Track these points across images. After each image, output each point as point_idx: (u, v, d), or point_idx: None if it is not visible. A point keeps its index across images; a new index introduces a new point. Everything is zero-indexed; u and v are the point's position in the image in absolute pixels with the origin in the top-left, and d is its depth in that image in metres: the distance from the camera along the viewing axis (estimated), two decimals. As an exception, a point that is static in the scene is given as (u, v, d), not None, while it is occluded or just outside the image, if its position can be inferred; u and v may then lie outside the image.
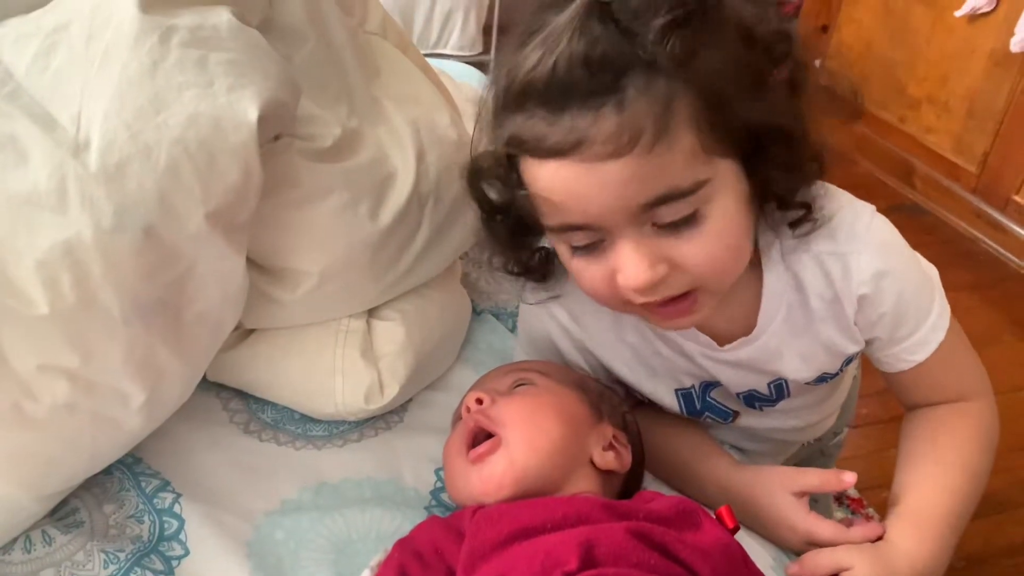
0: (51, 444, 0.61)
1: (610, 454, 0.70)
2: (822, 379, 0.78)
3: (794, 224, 0.69)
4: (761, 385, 0.79)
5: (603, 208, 0.59)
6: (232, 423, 0.83)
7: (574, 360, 0.82)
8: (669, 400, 0.81)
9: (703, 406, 0.82)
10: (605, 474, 0.70)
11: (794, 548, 0.75)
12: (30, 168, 0.55)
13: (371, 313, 0.83)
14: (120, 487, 0.74)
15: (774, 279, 0.72)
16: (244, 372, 0.81)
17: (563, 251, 0.67)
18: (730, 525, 0.66)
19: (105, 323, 0.58)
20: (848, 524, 0.74)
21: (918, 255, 0.75)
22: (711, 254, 0.62)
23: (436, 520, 0.67)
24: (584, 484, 0.69)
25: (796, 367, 0.75)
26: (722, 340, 0.75)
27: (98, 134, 0.56)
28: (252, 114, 0.59)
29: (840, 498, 1.45)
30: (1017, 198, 2.30)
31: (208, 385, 0.84)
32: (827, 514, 0.99)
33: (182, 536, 0.70)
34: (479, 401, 0.70)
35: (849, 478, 0.72)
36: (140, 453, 0.76)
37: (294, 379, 0.80)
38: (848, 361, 0.77)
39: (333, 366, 0.79)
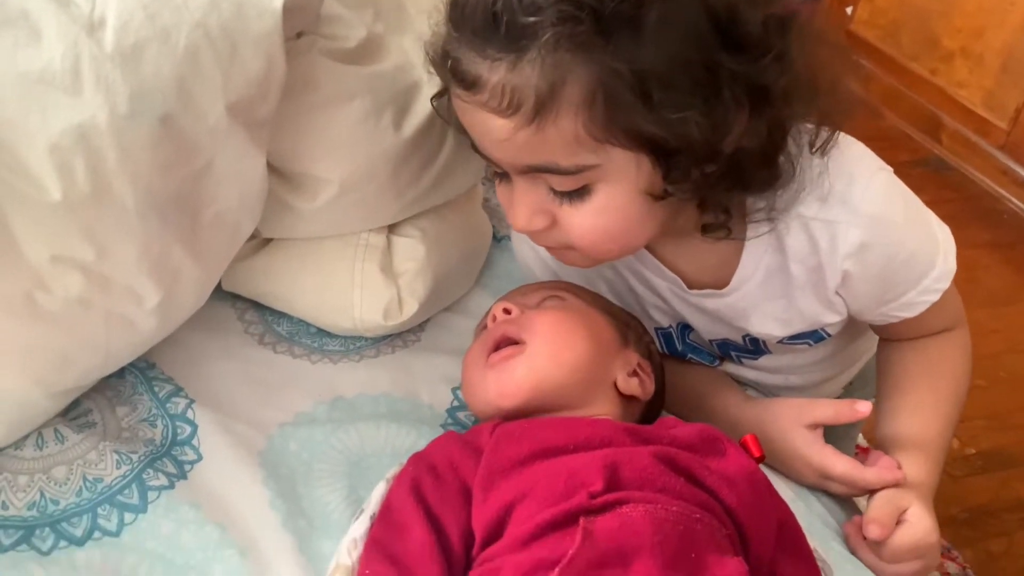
0: (65, 339, 0.59)
1: (634, 380, 0.69)
2: (800, 339, 0.76)
3: (707, 228, 0.66)
4: (735, 336, 0.77)
5: (492, 154, 0.61)
6: (247, 334, 0.81)
7: None
8: None
9: (684, 347, 0.81)
10: (626, 399, 0.69)
11: (808, 483, 0.74)
12: (43, 45, 0.52)
13: (391, 229, 0.81)
14: (133, 391, 0.73)
15: (756, 242, 0.69)
16: (260, 283, 0.79)
17: None
18: (756, 454, 0.64)
19: (120, 215, 0.56)
20: (862, 459, 0.73)
21: (928, 216, 0.71)
22: (590, 230, 0.62)
23: (453, 436, 0.66)
24: (604, 406, 0.67)
25: (767, 327, 0.74)
26: (692, 284, 0.73)
27: (114, 13, 0.53)
28: (277, 1, 0.56)
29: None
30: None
31: (223, 295, 0.82)
32: (849, 452, 0.99)
33: (195, 442, 0.69)
34: (507, 312, 0.69)
35: (863, 407, 0.71)
36: (153, 358, 0.75)
37: (311, 292, 0.78)
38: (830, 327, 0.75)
39: (352, 280, 0.77)
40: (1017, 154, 2.29)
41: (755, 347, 0.79)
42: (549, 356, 0.65)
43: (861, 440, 1.47)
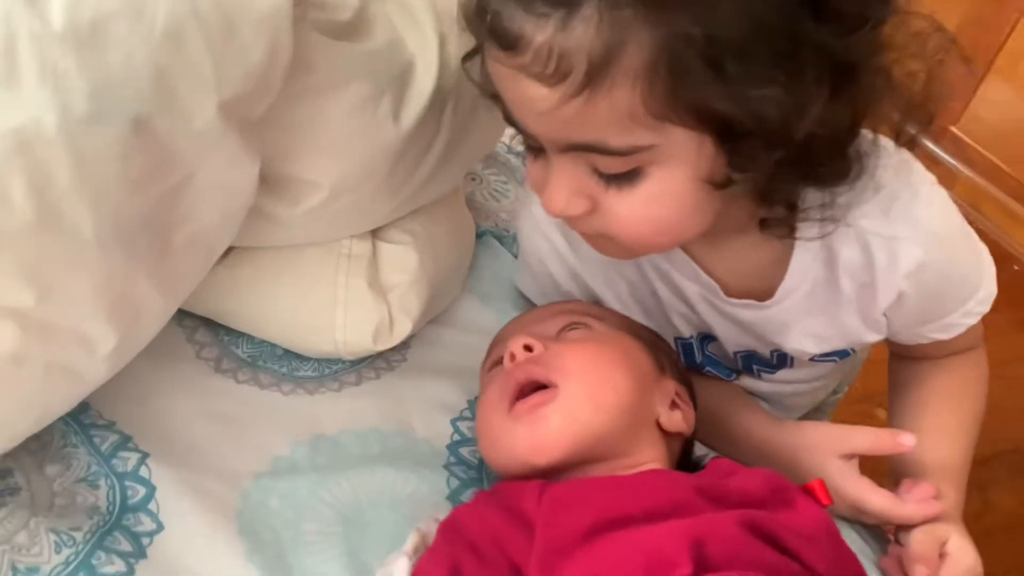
0: (-12, 404, 0.45)
1: (677, 413, 0.61)
2: (830, 356, 0.71)
3: (764, 222, 0.59)
4: (763, 349, 0.72)
5: (530, 126, 0.52)
6: (200, 359, 0.68)
7: (568, 290, 0.73)
8: None
9: (704, 360, 0.75)
10: (669, 437, 0.61)
11: (838, 514, 0.69)
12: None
13: (376, 234, 0.68)
14: (64, 442, 0.59)
15: (805, 249, 0.63)
16: (221, 300, 0.65)
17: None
18: (825, 502, 0.58)
19: (73, 247, 0.41)
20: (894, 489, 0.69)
21: (972, 233, 0.67)
22: (638, 220, 0.54)
23: (488, 499, 0.55)
24: (650, 451, 0.59)
25: (803, 344, 0.68)
26: (729, 291, 0.67)
27: (67, -24, 0.38)
28: (287, -33, 0.43)
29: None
30: (955, 129, 2.31)
31: (169, 312, 0.68)
32: None
33: (152, 506, 0.56)
34: (528, 348, 0.58)
35: (908, 440, 0.66)
36: (87, 397, 0.60)
37: (284, 311, 0.65)
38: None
39: (334, 297, 0.65)
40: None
41: (780, 362, 0.73)
42: (588, 400, 0.56)
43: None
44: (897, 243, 0.60)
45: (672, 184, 0.52)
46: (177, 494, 0.57)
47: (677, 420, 0.60)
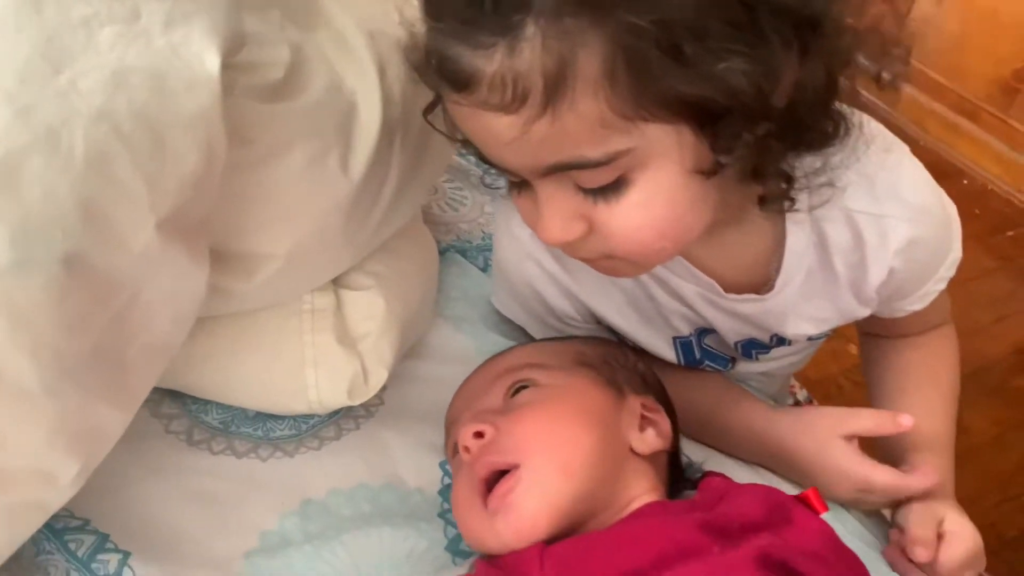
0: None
1: (649, 432, 0.59)
2: (824, 334, 0.72)
3: (763, 199, 0.57)
4: (763, 336, 0.71)
5: (506, 161, 0.51)
6: (170, 433, 0.65)
7: (562, 309, 0.71)
8: (666, 350, 0.73)
9: (702, 355, 0.74)
10: (652, 456, 0.60)
11: (842, 496, 0.70)
12: None
13: (338, 282, 0.65)
14: (39, 549, 0.56)
15: (798, 236, 0.62)
16: (183, 374, 0.62)
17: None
18: (820, 510, 0.58)
19: (19, 399, 0.38)
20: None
21: (944, 196, 0.67)
22: (635, 228, 0.51)
23: (487, 571, 0.54)
24: (637, 484, 0.58)
25: (802, 327, 0.68)
26: (727, 288, 0.66)
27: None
28: (211, 62, 0.38)
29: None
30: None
31: (129, 390, 0.64)
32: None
33: (139, 610, 0.54)
34: (479, 435, 0.56)
35: (907, 421, 0.67)
36: (58, 500, 0.57)
37: (251, 378, 0.62)
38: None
39: (303, 357, 0.62)
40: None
41: (779, 343, 0.73)
42: (555, 470, 0.54)
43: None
44: (885, 221, 0.61)
45: (660, 184, 0.50)
46: (166, 592, 0.55)
47: (651, 440, 0.59)
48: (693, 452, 0.70)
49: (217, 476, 0.62)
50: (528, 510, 0.53)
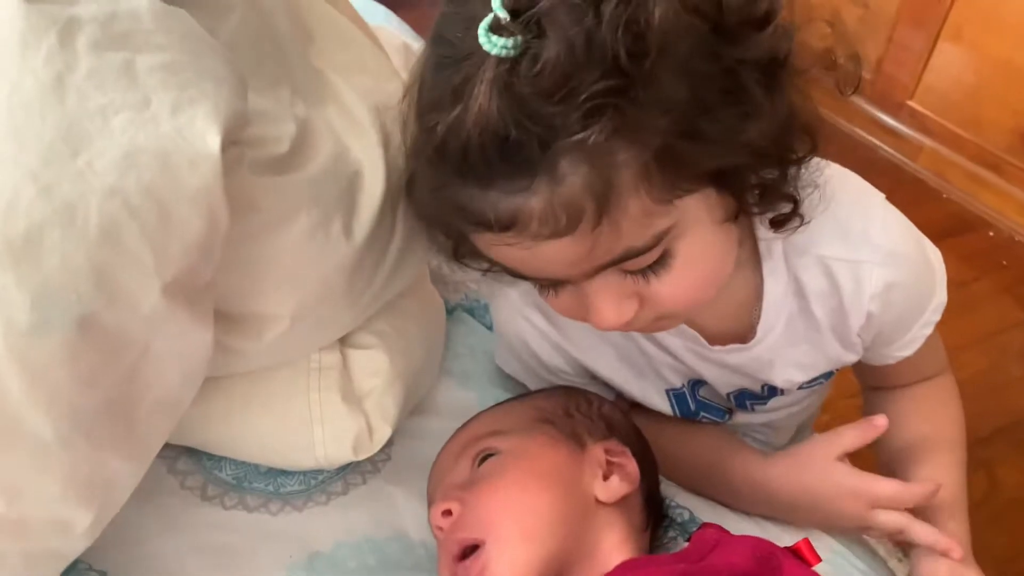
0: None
1: (613, 479, 0.61)
2: (817, 381, 0.73)
3: (776, 223, 0.60)
4: (754, 386, 0.73)
5: (555, 274, 0.54)
6: (185, 489, 0.68)
7: (555, 364, 0.73)
8: (660, 401, 0.74)
9: (697, 406, 0.76)
10: (622, 503, 0.61)
11: (854, 522, 0.69)
12: None
13: (344, 341, 0.68)
14: (58, 603, 0.58)
15: (775, 284, 0.65)
16: (197, 432, 0.65)
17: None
18: (813, 562, 0.58)
19: (36, 451, 0.42)
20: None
21: (924, 242, 0.69)
22: (684, 289, 0.55)
23: None
24: (609, 537, 0.59)
25: (788, 375, 0.70)
26: (712, 339, 0.68)
27: (-7, 193, 0.38)
28: (212, 141, 0.42)
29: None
30: (911, 103, 2.32)
31: (148, 448, 0.67)
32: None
33: (153, 660, 0.56)
34: (448, 513, 0.59)
35: (881, 421, 0.67)
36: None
37: (261, 435, 0.65)
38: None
39: (309, 415, 0.65)
40: (883, 104, 2.36)
41: (771, 393, 0.74)
42: (518, 541, 0.56)
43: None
44: (860, 266, 0.63)
45: (699, 243, 0.54)
46: (178, 644, 0.57)
47: (616, 487, 0.60)
48: (698, 504, 0.71)
49: (229, 530, 0.65)
50: None
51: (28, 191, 0.39)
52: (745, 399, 0.74)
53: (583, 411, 0.67)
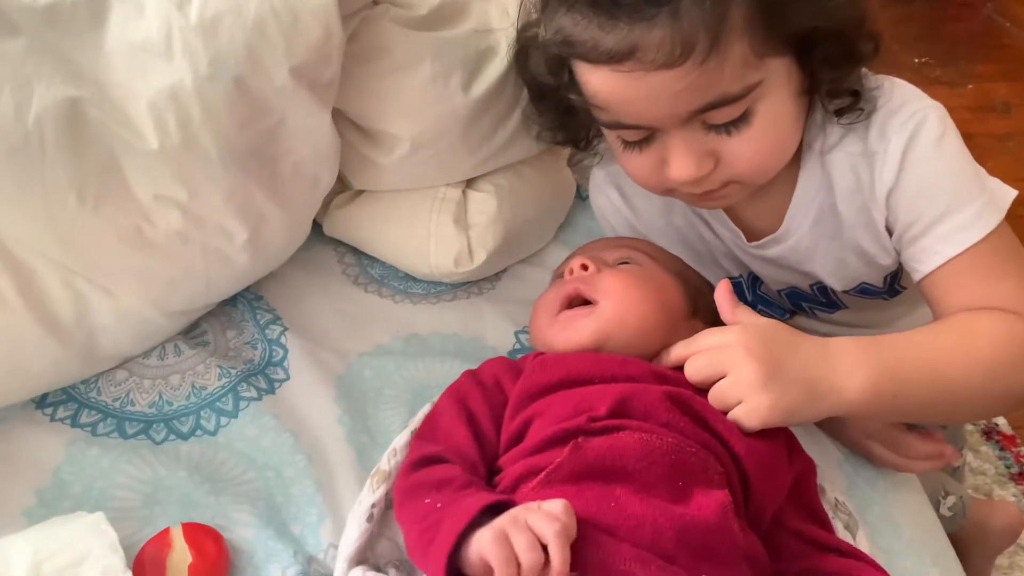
0: (169, 267, 0.72)
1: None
2: (867, 291, 0.73)
3: (840, 111, 0.65)
4: (803, 284, 0.76)
5: (654, 114, 0.60)
6: (344, 275, 0.92)
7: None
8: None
9: (755, 299, 0.80)
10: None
11: (857, 436, 0.74)
12: (144, 19, 0.64)
13: (468, 184, 0.87)
14: (242, 318, 0.85)
15: (808, 179, 0.69)
16: (353, 230, 0.89)
17: (613, 140, 0.68)
18: None
19: (206, 164, 0.67)
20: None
21: (976, 169, 0.65)
22: (757, 151, 0.62)
23: (503, 359, 0.72)
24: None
25: (831, 271, 0.72)
26: (751, 235, 0.73)
27: (197, -11, 0.64)
28: (332, -23, 0.64)
29: (990, 432, 1.34)
30: None
31: (326, 240, 0.93)
32: (958, 443, 0.95)
33: (285, 363, 0.81)
34: (584, 267, 0.70)
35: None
36: (261, 291, 0.87)
37: (394, 239, 0.87)
38: (894, 278, 0.72)
39: (428, 231, 0.85)
40: None
41: (827, 298, 0.77)
42: (616, 318, 0.66)
43: (1006, 427, 1.36)
44: (875, 157, 0.65)
45: (776, 108, 0.62)
46: (302, 358, 0.80)
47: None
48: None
49: (361, 305, 0.88)
50: (581, 335, 0.66)
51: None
52: (800, 300, 0.78)
53: (706, 299, 0.74)
